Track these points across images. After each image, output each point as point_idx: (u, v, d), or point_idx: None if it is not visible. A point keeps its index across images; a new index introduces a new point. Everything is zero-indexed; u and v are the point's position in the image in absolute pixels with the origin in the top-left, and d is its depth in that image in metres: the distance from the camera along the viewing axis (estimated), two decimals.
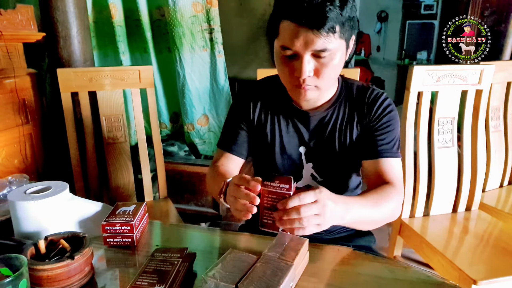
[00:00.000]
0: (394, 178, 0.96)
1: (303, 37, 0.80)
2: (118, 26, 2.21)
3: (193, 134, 2.39)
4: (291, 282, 0.65)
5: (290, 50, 0.83)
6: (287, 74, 0.88)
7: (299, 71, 0.84)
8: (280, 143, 1.01)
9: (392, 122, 0.99)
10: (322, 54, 0.82)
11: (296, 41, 0.81)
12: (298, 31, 0.80)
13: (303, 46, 0.81)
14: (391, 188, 0.93)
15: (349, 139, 0.99)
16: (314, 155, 1.01)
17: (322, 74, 0.85)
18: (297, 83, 0.87)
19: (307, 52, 0.82)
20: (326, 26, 0.78)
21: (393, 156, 0.97)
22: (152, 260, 0.69)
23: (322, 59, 0.83)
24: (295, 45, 0.82)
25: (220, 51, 2.24)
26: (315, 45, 0.80)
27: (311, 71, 0.85)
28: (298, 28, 0.80)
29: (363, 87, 1.02)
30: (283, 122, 1.01)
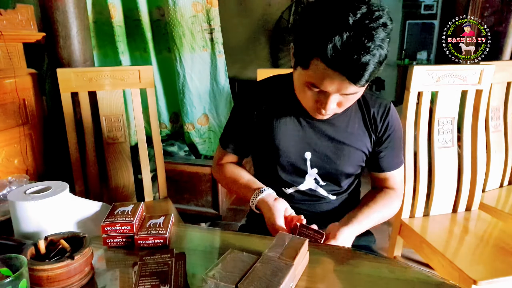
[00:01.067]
0: (396, 184, 1.06)
1: (337, 84, 0.78)
2: (118, 26, 2.21)
3: (193, 134, 2.39)
4: (291, 282, 0.64)
5: (318, 89, 0.81)
6: (310, 100, 0.87)
7: (323, 106, 0.84)
8: (285, 147, 0.99)
9: (398, 135, 1.02)
10: (351, 96, 0.83)
11: (328, 85, 0.79)
12: (333, 77, 0.77)
13: (334, 90, 0.80)
14: (393, 193, 1.04)
15: (357, 147, 0.98)
16: (319, 161, 0.99)
17: (344, 106, 0.87)
18: (319, 111, 0.87)
19: (337, 93, 0.81)
20: (364, 79, 0.76)
21: (397, 168, 1.05)
22: (144, 264, 0.68)
23: (349, 96, 0.83)
24: (326, 87, 0.80)
25: (220, 51, 2.24)
26: (348, 90, 0.79)
27: (335, 105, 0.85)
28: (334, 74, 0.76)
29: (371, 96, 1.01)
30: (290, 126, 0.99)
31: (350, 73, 0.75)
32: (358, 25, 0.72)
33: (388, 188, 1.06)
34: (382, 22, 0.74)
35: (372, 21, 0.73)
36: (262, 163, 1.08)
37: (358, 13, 0.73)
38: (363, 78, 0.75)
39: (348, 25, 0.72)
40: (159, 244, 0.81)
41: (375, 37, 0.73)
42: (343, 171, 1.00)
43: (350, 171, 1.00)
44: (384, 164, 1.03)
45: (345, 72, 0.75)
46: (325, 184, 1.02)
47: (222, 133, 1.13)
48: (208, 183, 2.21)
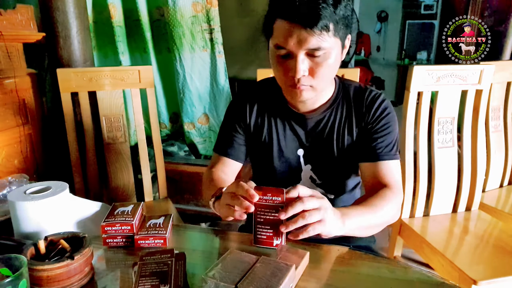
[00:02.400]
0: (392, 180, 0.95)
1: (297, 36, 0.80)
2: (118, 26, 2.21)
3: (193, 133, 2.39)
4: (291, 283, 0.64)
5: (284, 49, 0.83)
6: (282, 73, 0.88)
7: (293, 70, 0.84)
8: (277, 146, 1.01)
9: (390, 124, 0.98)
10: (316, 53, 0.82)
11: (290, 40, 0.81)
12: (292, 30, 0.80)
13: (296, 45, 0.81)
14: (389, 191, 0.92)
15: (347, 140, 0.99)
16: (312, 157, 1.01)
17: (317, 74, 0.85)
18: (292, 82, 0.86)
19: (301, 51, 0.82)
20: (319, 24, 0.78)
21: (391, 158, 0.96)
22: (144, 264, 0.68)
23: (316, 58, 0.83)
24: (289, 44, 0.81)
25: (220, 51, 2.24)
26: (309, 43, 0.80)
27: (306, 71, 0.84)
28: (292, 26, 0.79)
29: (360, 88, 1.01)
30: (280, 125, 1.01)
31: (304, 18, 0.78)
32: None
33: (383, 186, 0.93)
34: None
35: None
36: (259, 166, 1.08)
37: None
38: (319, 23, 0.77)
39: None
40: (159, 244, 0.81)
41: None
42: (335, 165, 1.00)
43: (343, 166, 1.01)
44: (376, 151, 0.96)
45: (300, 18, 0.78)
46: (322, 183, 1.02)
47: (217, 139, 1.10)
48: None
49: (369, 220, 0.85)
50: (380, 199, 0.89)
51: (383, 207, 0.88)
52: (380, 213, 0.87)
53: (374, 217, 0.86)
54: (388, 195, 0.91)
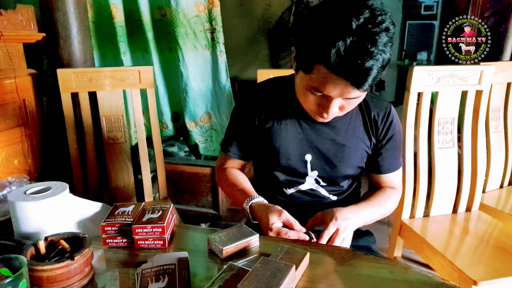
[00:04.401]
0: (395, 184, 1.07)
1: (340, 89, 0.78)
2: (119, 27, 2.21)
3: (195, 132, 2.40)
4: (291, 283, 0.64)
5: (321, 93, 0.81)
6: (312, 106, 0.87)
7: (326, 110, 0.83)
8: (285, 149, 0.99)
9: (398, 138, 1.03)
10: (353, 100, 0.82)
11: (331, 90, 0.79)
12: (336, 82, 0.77)
13: (337, 95, 0.79)
14: (392, 191, 1.05)
15: (357, 149, 0.99)
16: (320, 164, 0.99)
17: (346, 110, 0.86)
18: (321, 115, 0.87)
19: (340, 97, 0.81)
20: (367, 84, 0.76)
21: (396, 169, 1.06)
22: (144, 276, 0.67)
23: (351, 100, 0.83)
24: (329, 92, 0.79)
25: (221, 51, 2.24)
26: (350, 94, 0.79)
27: (337, 108, 0.85)
28: (337, 79, 0.76)
29: (371, 98, 1.01)
30: (290, 128, 0.99)
31: (354, 78, 0.74)
32: (361, 30, 0.72)
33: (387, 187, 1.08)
34: (384, 27, 0.73)
35: (375, 26, 0.72)
36: (263, 165, 1.08)
37: (361, 18, 0.72)
38: (367, 83, 0.75)
39: (351, 30, 0.71)
40: (158, 245, 0.81)
41: (378, 41, 0.72)
42: (343, 173, 1.00)
43: (350, 172, 1.01)
44: (384, 166, 1.04)
45: (349, 77, 0.74)
46: (326, 185, 1.02)
47: (223, 138, 1.12)
48: (208, 184, 2.22)
49: (375, 216, 0.98)
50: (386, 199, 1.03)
51: (387, 206, 1.03)
52: (384, 209, 1.01)
53: (379, 213, 1.00)
54: (393, 195, 1.05)
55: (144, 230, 0.80)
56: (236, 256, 0.76)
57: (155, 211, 0.86)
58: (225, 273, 0.66)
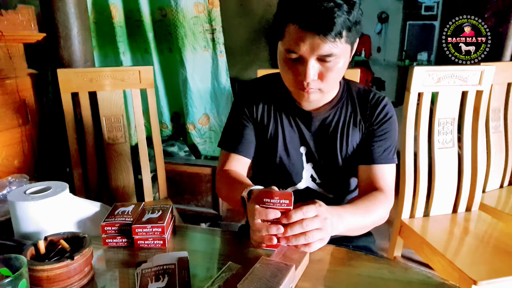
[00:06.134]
0: (385, 185, 0.97)
1: (310, 42, 0.79)
2: (119, 27, 2.21)
3: (194, 134, 2.39)
4: (291, 283, 0.64)
5: (295, 53, 0.82)
6: (291, 76, 0.88)
7: (303, 75, 0.84)
8: (283, 142, 1.01)
9: (391, 128, 1.00)
10: (328, 58, 0.82)
11: (302, 46, 0.80)
12: (305, 36, 0.79)
13: (309, 51, 0.81)
14: (381, 195, 0.94)
15: (350, 141, 0.99)
16: (314, 156, 1.01)
17: (326, 78, 0.85)
18: (301, 86, 0.87)
19: (313, 57, 0.81)
20: (333, 32, 0.77)
21: (387, 162, 0.98)
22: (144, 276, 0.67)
23: (327, 63, 0.83)
24: (301, 49, 0.81)
25: (221, 51, 2.24)
26: (321, 50, 0.80)
27: (316, 75, 0.85)
28: (305, 32, 0.78)
29: (364, 90, 1.02)
30: (286, 121, 1.01)
31: (318, 25, 0.77)
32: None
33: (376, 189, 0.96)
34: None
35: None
36: (262, 160, 1.07)
37: None
38: (333, 30, 0.76)
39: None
40: (158, 245, 0.81)
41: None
42: (337, 165, 1.00)
43: (344, 165, 1.01)
44: (375, 155, 0.97)
45: (313, 25, 0.77)
46: (322, 182, 1.02)
47: (221, 137, 1.08)
48: (208, 184, 2.22)
49: (360, 222, 0.88)
50: (373, 203, 0.91)
51: (375, 210, 0.91)
52: (371, 216, 0.90)
53: (365, 220, 0.89)
54: (380, 198, 0.93)
55: (144, 230, 0.80)
56: None
57: (155, 211, 0.87)
58: (225, 273, 0.66)
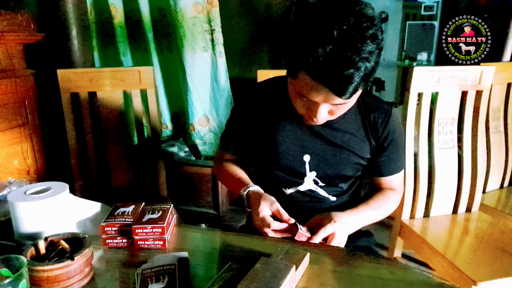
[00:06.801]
0: (396, 185, 1.07)
1: (323, 96, 0.77)
2: (119, 27, 2.21)
3: (194, 135, 2.39)
4: (291, 284, 0.64)
5: (307, 98, 0.81)
6: (301, 108, 0.87)
7: (314, 114, 0.83)
8: (284, 149, 0.99)
9: (399, 141, 1.02)
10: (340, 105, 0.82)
11: (315, 96, 0.78)
12: (319, 90, 0.76)
13: (321, 100, 0.79)
14: (392, 193, 1.05)
15: (357, 151, 0.98)
16: (318, 165, 0.99)
17: (336, 114, 0.86)
18: (311, 118, 0.87)
19: (325, 104, 0.81)
20: (348, 92, 0.74)
21: (398, 172, 1.05)
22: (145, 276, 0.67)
23: (339, 105, 0.82)
24: (313, 98, 0.79)
25: (221, 52, 2.24)
26: (334, 101, 0.78)
27: (326, 113, 0.84)
28: (319, 86, 0.75)
29: (370, 97, 1.00)
30: (289, 128, 0.99)
31: (334, 86, 0.74)
32: (343, 37, 0.70)
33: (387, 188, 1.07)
34: (369, 34, 0.71)
35: (358, 33, 0.70)
36: (262, 164, 1.08)
37: (344, 25, 0.70)
38: (348, 91, 0.74)
39: (332, 37, 0.70)
40: (158, 246, 0.81)
41: (361, 49, 0.70)
42: (342, 174, 0.99)
43: (348, 173, 1.00)
44: (385, 169, 1.03)
45: (329, 85, 0.74)
46: (324, 186, 1.01)
47: (223, 132, 1.13)
48: (208, 184, 2.21)
49: (374, 218, 0.99)
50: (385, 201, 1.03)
51: (387, 208, 1.02)
52: (383, 213, 1.02)
53: (377, 217, 1.00)
54: (392, 198, 1.05)
55: (144, 231, 0.80)
56: None
57: (155, 211, 0.86)
58: (225, 273, 0.66)
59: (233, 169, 1.09)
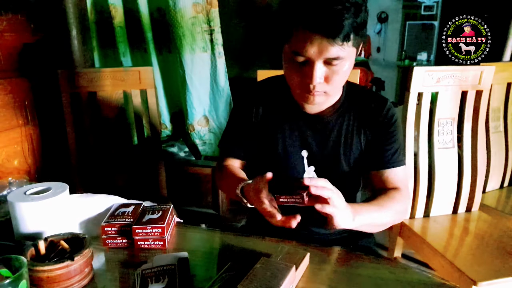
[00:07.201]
0: (399, 184, 1.00)
1: (317, 45, 0.79)
2: (119, 27, 2.21)
3: (193, 135, 2.39)
4: (291, 284, 0.64)
5: (302, 56, 0.82)
6: (297, 79, 0.87)
7: (310, 78, 0.83)
8: (283, 145, 1.00)
9: (396, 131, 1.00)
10: (334, 62, 0.82)
11: (310, 49, 0.80)
12: (313, 39, 0.78)
13: (316, 54, 0.80)
14: (397, 193, 0.97)
15: (354, 145, 0.98)
16: (316, 159, 0.99)
17: (332, 81, 0.85)
18: (307, 88, 0.86)
19: (320, 59, 0.81)
20: (341, 35, 0.76)
21: (398, 165, 1.00)
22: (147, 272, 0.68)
23: (333, 66, 0.83)
24: (309, 52, 0.80)
25: (220, 52, 2.23)
26: (329, 53, 0.79)
27: (322, 78, 0.84)
28: (313, 35, 0.78)
29: (366, 92, 1.01)
30: (287, 124, 1.00)
31: (326, 28, 0.76)
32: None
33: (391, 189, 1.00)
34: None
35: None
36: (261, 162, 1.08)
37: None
38: (341, 33, 0.76)
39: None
40: (158, 246, 0.81)
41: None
42: (339, 168, 1.00)
43: (345, 168, 1.00)
44: (384, 159, 0.99)
45: (322, 28, 0.77)
46: None
47: (221, 139, 1.11)
48: (208, 184, 2.21)
49: (377, 219, 0.89)
50: (389, 200, 0.94)
51: (392, 207, 0.92)
52: (388, 212, 0.91)
53: (382, 216, 0.90)
54: (396, 196, 0.96)
55: (144, 231, 0.80)
56: None
57: (155, 211, 0.87)
58: (225, 273, 0.66)
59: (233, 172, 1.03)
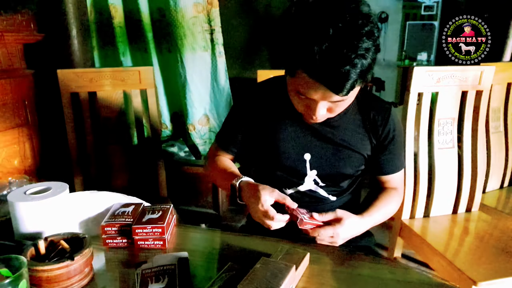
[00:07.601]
0: (396, 184, 1.07)
1: (321, 93, 0.78)
2: (119, 27, 2.21)
3: (194, 135, 2.39)
4: (291, 284, 0.64)
5: (305, 96, 0.81)
6: (300, 106, 0.88)
7: (313, 112, 0.84)
8: (284, 149, 0.99)
9: (400, 138, 1.02)
10: (339, 102, 0.82)
11: (313, 94, 0.79)
12: (316, 87, 0.77)
13: (320, 98, 0.80)
14: (396, 193, 1.05)
15: (358, 149, 0.98)
16: (319, 163, 0.99)
17: (335, 111, 0.87)
18: (310, 116, 0.87)
19: (324, 101, 0.81)
20: (345, 89, 0.75)
21: (399, 170, 1.05)
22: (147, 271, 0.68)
23: (338, 102, 0.82)
24: (312, 96, 0.80)
25: (220, 52, 2.24)
26: (333, 98, 0.79)
27: (325, 111, 0.85)
28: (317, 84, 0.76)
29: (372, 99, 1.01)
30: (290, 127, 0.99)
31: (331, 84, 0.74)
32: (339, 35, 0.71)
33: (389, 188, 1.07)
34: (366, 31, 0.72)
35: (354, 30, 0.71)
36: (262, 164, 1.08)
37: (340, 23, 0.71)
38: (345, 88, 0.74)
39: (328, 35, 0.71)
40: (158, 246, 0.81)
41: (357, 46, 0.71)
42: (342, 172, 1.00)
43: (349, 172, 1.00)
44: (386, 168, 1.04)
45: (326, 82, 0.74)
46: (325, 185, 1.01)
47: (219, 131, 1.13)
48: (208, 184, 2.21)
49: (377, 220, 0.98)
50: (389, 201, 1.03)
51: (391, 207, 1.03)
52: (387, 214, 1.03)
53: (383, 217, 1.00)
54: (394, 196, 1.05)
55: (144, 231, 0.80)
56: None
57: (155, 211, 0.87)
58: (225, 273, 0.66)
59: (224, 164, 1.07)
